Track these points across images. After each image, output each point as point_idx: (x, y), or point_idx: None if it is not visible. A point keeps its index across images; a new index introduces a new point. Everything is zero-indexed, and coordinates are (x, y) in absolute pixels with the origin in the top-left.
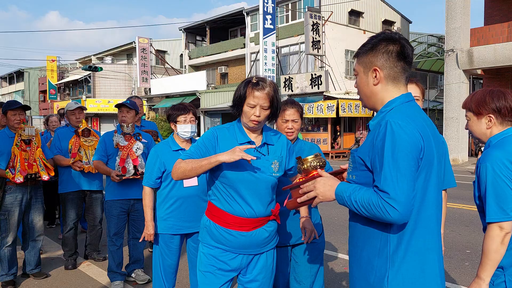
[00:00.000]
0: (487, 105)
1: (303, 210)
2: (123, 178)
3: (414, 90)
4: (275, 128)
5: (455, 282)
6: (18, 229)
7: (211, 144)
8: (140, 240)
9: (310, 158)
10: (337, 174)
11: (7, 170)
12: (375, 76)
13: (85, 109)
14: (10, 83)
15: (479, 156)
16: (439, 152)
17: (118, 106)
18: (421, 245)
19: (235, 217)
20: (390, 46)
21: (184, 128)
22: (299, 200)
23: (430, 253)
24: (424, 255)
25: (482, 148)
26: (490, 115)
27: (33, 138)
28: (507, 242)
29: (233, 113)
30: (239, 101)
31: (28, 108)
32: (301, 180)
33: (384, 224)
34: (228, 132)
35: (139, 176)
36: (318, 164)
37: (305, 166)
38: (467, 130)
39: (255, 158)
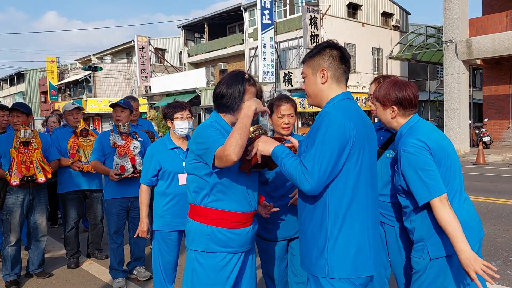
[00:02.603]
0: (390, 97)
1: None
2: (122, 176)
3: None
4: (270, 124)
5: None
6: (23, 230)
7: (217, 131)
8: (134, 236)
9: (252, 128)
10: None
11: (6, 172)
12: (323, 76)
13: (83, 109)
14: (11, 84)
15: (481, 147)
16: (371, 143)
17: (112, 106)
18: (356, 219)
19: (242, 214)
20: (334, 51)
21: (181, 124)
22: (247, 157)
23: (363, 225)
24: (358, 227)
25: (484, 139)
26: (393, 106)
27: (32, 140)
28: (450, 207)
29: (220, 111)
30: (237, 98)
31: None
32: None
33: (324, 201)
34: (217, 128)
35: (137, 175)
36: (260, 132)
37: (250, 135)
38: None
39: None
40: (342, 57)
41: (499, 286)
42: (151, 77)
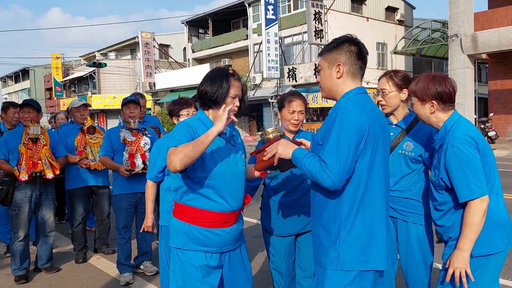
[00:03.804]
0: (430, 91)
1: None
2: (133, 172)
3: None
4: (279, 119)
5: None
6: (31, 225)
7: (191, 132)
8: (140, 231)
9: (270, 129)
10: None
11: (15, 168)
12: (338, 71)
13: (90, 106)
14: (16, 81)
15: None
16: (384, 137)
17: (126, 102)
18: (368, 212)
19: (220, 214)
20: (352, 47)
21: None
22: (264, 158)
23: (376, 218)
24: (371, 220)
25: (489, 133)
26: (433, 101)
27: (41, 137)
28: (485, 214)
29: (204, 107)
30: (222, 93)
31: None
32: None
33: (339, 193)
34: (199, 127)
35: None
36: (278, 134)
37: (268, 136)
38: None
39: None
40: (360, 53)
41: (504, 280)
42: (155, 73)
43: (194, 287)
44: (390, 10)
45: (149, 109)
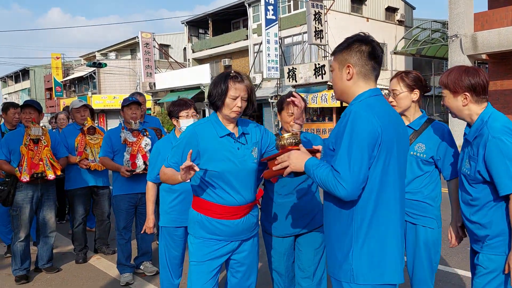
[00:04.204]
0: (463, 83)
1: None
2: (133, 173)
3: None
4: (276, 122)
5: (456, 266)
6: (32, 225)
7: (191, 144)
8: (141, 232)
9: (286, 135)
10: (312, 152)
11: (16, 168)
12: (348, 72)
13: (90, 106)
14: (16, 81)
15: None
16: (400, 143)
17: (128, 103)
18: (382, 223)
19: (227, 207)
20: (363, 47)
21: (186, 123)
22: (274, 168)
23: (390, 230)
24: (385, 232)
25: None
26: (466, 93)
27: (42, 138)
28: None
29: (212, 108)
30: (220, 95)
31: (38, 107)
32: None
33: (350, 204)
34: (207, 128)
35: None
36: (294, 141)
37: (283, 142)
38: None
39: (197, 168)
40: (372, 53)
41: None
42: (155, 73)
43: (202, 263)
44: (390, 10)
45: (149, 109)
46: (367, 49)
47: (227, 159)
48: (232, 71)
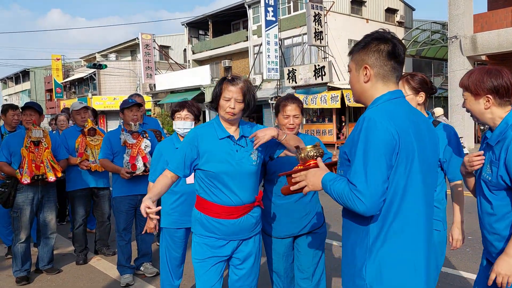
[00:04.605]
0: (484, 85)
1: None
2: (133, 175)
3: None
4: (276, 124)
5: (456, 268)
6: (32, 227)
7: (191, 147)
8: (142, 233)
9: (308, 147)
10: (333, 165)
11: (17, 170)
12: (366, 74)
13: (90, 108)
14: (17, 82)
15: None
16: (424, 149)
17: (128, 106)
18: (398, 238)
19: (223, 207)
20: (381, 46)
21: (178, 124)
22: (292, 188)
23: (408, 245)
24: (401, 247)
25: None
26: (488, 95)
27: (43, 140)
28: None
29: (211, 110)
30: (216, 97)
31: (39, 108)
32: (298, 168)
33: (365, 217)
34: (209, 130)
35: (148, 173)
36: (315, 154)
37: (303, 155)
38: (469, 113)
39: (155, 215)
40: (391, 52)
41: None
42: (155, 74)
43: (203, 260)
44: (390, 11)
45: (149, 110)
46: (386, 48)
47: (225, 160)
48: (229, 75)
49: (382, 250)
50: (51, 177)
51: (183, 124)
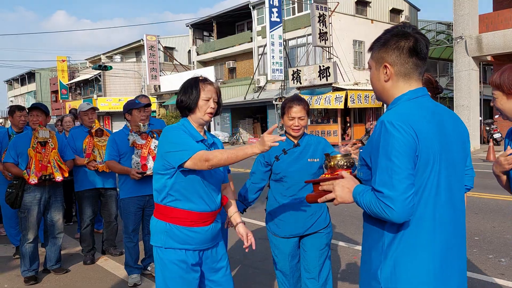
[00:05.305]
0: None
1: (237, 216)
2: (144, 175)
3: None
4: (280, 125)
5: None
6: (40, 227)
7: (188, 135)
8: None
9: (338, 156)
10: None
11: (24, 171)
12: (386, 73)
13: (97, 109)
14: (22, 84)
15: (491, 144)
16: (449, 150)
17: (137, 107)
18: (413, 242)
19: (200, 214)
20: (401, 42)
21: None
22: (319, 200)
23: (423, 250)
24: (416, 252)
25: (495, 135)
26: None
27: (49, 140)
28: None
29: (183, 114)
30: (194, 98)
31: (45, 109)
32: (326, 176)
33: (380, 220)
34: (185, 131)
35: None
36: (345, 163)
37: (332, 163)
38: (496, 112)
39: (284, 139)
40: (413, 48)
41: (508, 282)
42: (160, 75)
43: (176, 284)
44: (395, 12)
45: (154, 111)
46: (407, 45)
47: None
48: (200, 76)
49: (397, 253)
50: (58, 177)
51: None
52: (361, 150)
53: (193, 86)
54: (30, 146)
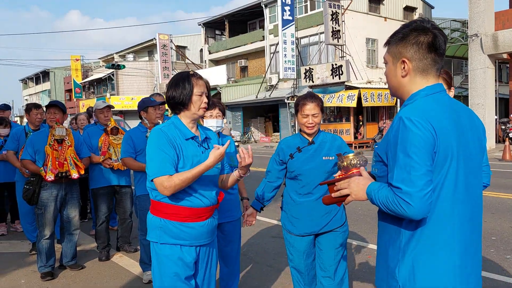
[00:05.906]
0: None
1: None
2: None
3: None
4: (292, 123)
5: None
6: (56, 223)
7: (169, 146)
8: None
9: (351, 156)
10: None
11: (41, 168)
12: (404, 68)
13: (113, 107)
14: (37, 83)
15: (507, 143)
16: (467, 147)
17: (153, 105)
18: (432, 241)
19: (193, 209)
20: (421, 37)
21: (210, 123)
22: (333, 195)
23: (442, 248)
24: (435, 250)
25: (510, 134)
26: None
27: (66, 138)
28: None
29: (174, 111)
30: (187, 93)
31: (62, 107)
32: (340, 176)
33: (398, 217)
34: (174, 131)
35: None
36: (358, 162)
37: (345, 163)
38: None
39: (227, 144)
40: (432, 44)
41: None
42: (172, 74)
43: (171, 280)
44: (409, 9)
45: (167, 110)
46: (426, 40)
47: (197, 162)
48: (191, 70)
49: (415, 251)
50: (75, 174)
51: (216, 122)
52: (376, 147)
53: (185, 81)
54: (47, 144)
